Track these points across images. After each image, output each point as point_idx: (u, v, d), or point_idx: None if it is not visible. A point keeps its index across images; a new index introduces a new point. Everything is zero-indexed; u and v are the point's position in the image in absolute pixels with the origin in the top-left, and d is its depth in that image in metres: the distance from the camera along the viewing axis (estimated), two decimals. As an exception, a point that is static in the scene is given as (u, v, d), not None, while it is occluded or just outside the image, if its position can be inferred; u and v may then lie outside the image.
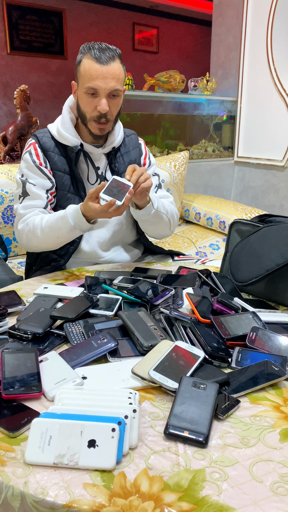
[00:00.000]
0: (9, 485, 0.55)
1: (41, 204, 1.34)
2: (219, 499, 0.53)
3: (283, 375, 0.76)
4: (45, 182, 1.34)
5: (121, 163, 1.43)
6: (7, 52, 5.13)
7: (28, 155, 1.35)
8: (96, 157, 1.39)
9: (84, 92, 1.25)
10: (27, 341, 0.88)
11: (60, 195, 1.38)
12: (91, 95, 1.24)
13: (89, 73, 1.22)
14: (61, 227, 1.24)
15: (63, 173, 1.36)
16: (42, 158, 1.35)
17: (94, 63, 1.21)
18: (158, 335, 0.86)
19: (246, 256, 1.12)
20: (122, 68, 1.26)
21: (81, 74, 1.25)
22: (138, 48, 6.20)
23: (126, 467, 0.58)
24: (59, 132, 1.35)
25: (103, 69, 1.21)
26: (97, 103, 1.25)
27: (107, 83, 1.22)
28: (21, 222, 1.33)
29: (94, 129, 1.30)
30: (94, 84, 1.22)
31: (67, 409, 0.64)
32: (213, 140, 3.43)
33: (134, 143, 1.49)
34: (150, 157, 1.53)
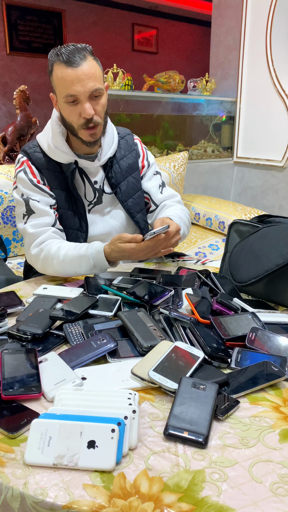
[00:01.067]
0: (8, 486, 0.55)
1: (50, 222, 1.27)
2: (218, 500, 0.53)
3: (282, 375, 0.76)
4: (48, 199, 1.28)
5: (117, 171, 1.37)
6: (7, 53, 5.13)
7: (23, 174, 1.27)
8: (92, 171, 1.33)
9: (64, 101, 1.18)
10: (27, 341, 0.88)
11: (61, 213, 1.31)
12: (72, 102, 1.17)
13: (63, 80, 1.15)
14: (80, 265, 1.19)
15: (61, 190, 1.30)
16: (38, 176, 1.27)
17: (65, 68, 1.14)
18: (158, 336, 0.86)
19: (246, 256, 1.12)
20: (96, 65, 1.18)
21: (56, 84, 1.18)
22: (138, 48, 6.21)
23: (126, 468, 0.58)
24: (50, 149, 1.27)
25: (76, 72, 1.13)
26: (80, 109, 1.17)
27: (85, 85, 1.14)
28: (34, 246, 1.24)
29: (85, 136, 1.22)
30: (72, 91, 1.14)
31: (66, 410, 0.64)
32: (212, 140, 3.43)
33: (130, 145, 1.42)
34: (149, 157, 1.47)
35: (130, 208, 1.39)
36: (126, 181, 1.39)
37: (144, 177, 1.45)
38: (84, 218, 1.33)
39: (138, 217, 1.42)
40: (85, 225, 1.33)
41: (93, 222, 1.36)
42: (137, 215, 1.41)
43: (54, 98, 1.23)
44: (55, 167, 1.29)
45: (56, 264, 1.20)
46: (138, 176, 1.43)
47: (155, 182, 1.46)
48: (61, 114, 1.23)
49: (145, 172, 1.45)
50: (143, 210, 1.44)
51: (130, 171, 1.40)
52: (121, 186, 1.37)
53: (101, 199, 1.36)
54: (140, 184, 1.43)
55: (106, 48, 5.79)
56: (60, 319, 0.95)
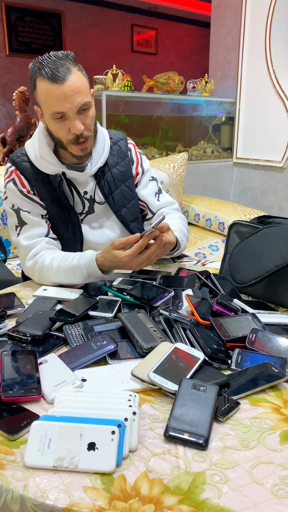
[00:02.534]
0: (8, 488, 0.55)
1: (43, 232, 1.25)
2: (219, 502, 0.53)
3: (283, 376, 0.76)
4: (38, 209, 1.25)
5: (110, 180, 1.32)
6: (6, 54, 5.13)
7: (12, 184, 1.24)
8: (82, 182, 1.29)
9: (50, 118, 1.13)
10: (27, 343, 0.88)
11: (53, 223, 1.29)
12: (59, 119, 1.12)
13: (49, 97, 1.09)
14: (74, 275, 1.16)
15: (51, 200, 1.26)
16: (28, 186, 1.24)
17: (50, 84, 1.08)
18: (158, 337, 0.86)
19: (246, 257, 1.12)
20: (81, 76, 1.12)
21: (41, 100, 1.12)
22: (137, 49, 6.22)
23: (126, 470, 0.58)
24: (37, 159, 1.22)
25: (63, 89, 1.07)
26: (69, 125, 1.12)
27: (73, 101, 1.09)
28: (28, 258, 1.23)
29: (75, 151, 1.18)
30: (60, 108, 1.09)
31: (66, 412, 0.64)
32: (212, 141, 3.43)
33: (123, 151, 1.36)
34: (143, 163, 1.41)
35: (123, 218, 1.35)
36: (119, 190, 1.34)
37: (139, 184, 1.41)
38: (78, 227, 1.30)
39: (133, 226, 1.38)
40: (80, 234, 1.31)
41: (88, 232, 1.33)
42: (132, 224, 1.38)
43: (39, 111, 1.18)
44: (44, 178, 1.25)
45: (51, 276, 1.18)
46: (132, 184, 1.38)
47: (151, 189, 1.42)
48: (48, 128, 1.18)
49: (139, 179, 1.41)
50: (138, 218, 1.41)
51: (123, 180, 1.35)
52: (114, 196, 1.33)
53: (92, 208, 1.33)
54: (134, 192, 1.39)
55: (106, 49, 5.80)
56: (60, 321, 0.95)
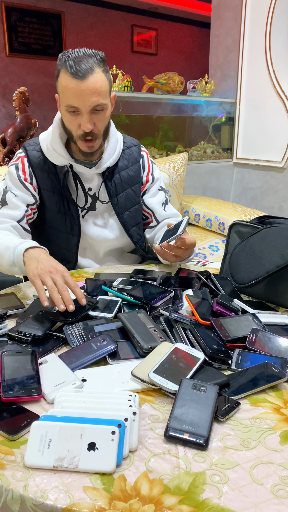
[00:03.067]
0: (8, 488, 0.55)
1: (17, 216, 1.25)
2: (219, 502, 0.53)
3: (283, 377, 0.76)
4: (27, 197, 1.27)
5: (117, 182, 1.34)
6: (6, 54, 5.14)
7: (14, 168, 1.28)
8: (88, 177, 1.31)
9: (65, 109, 1.17)
10: (27, 343, 0.88)
11: (50, 215, 1.31)
12: (72, 112, 1.16)
13: (66, 90, 1.13)
14: (3, 255, 1.11)
15: (52, 192, 1.29)
16: (28, 174, 1.28)
17: (70, 78, 1.11)
18: (158, 337, 0.86)
19: (246, 257, 1.12)
20: (104, 78, 1.14)
21: (60, 90, 1.16)
22: (137, 50, 6.22)
23: (126, 470, 0.58)
24: (48, 149, 1.27)
25: (80, 85, 1.10)
26: (79, 121, 1.16)
27: (87, 100, 1.12)
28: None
29: (82, 147, 1.22)
30: (74, 102, 1.13)
31: (66, 412, 0.64)
32: (212, 141, 3.43)
33: (135, 157, 1.39)
34: (154, 171, 1.43)
35: (125, 220, 1.37)
36: (125, 193, 1.36)
37: (147, 192, 1.43)
38: (77, 222, 1.31)
39: (132, 231, 1.40)
40: (78, 228, 1.32)
41: (86, 228, 1.35)
42: (132, 228, 1.39)
43: (58, 100, 1.22)
44: (50, 168, 1.28)
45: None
46: (138, 189, 1.40)
47: (159, 199, 1.44)
48: (62, 119, 1.23)
49: (148, 187, 1.43)
50: (139, 224, 1.42)
51: (130, 183, 1.37)
52: (119, 198, 1.35)
53: (94, 206, 1.34)
54: (139, 198, 1.40)
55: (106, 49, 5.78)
56: (60, 321, 0.95)
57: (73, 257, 1.37)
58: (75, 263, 1.38)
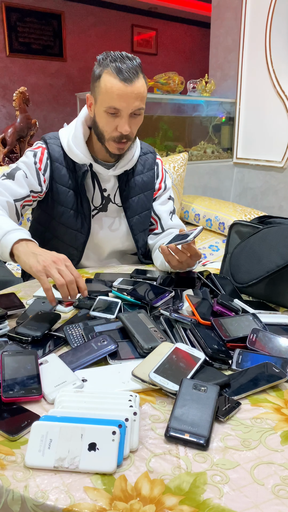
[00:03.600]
0: (9, 489, 0.55)
1: (18, 194, 1.22)
2: (220, 502, 0.53)
3: (284, 377, 0.76)
4: (35, 184, 1.26)
5: (132, 186, 1.35)
6: (6, 55, 5.13)
7: (32, 154, 1.28)
8: (105, 178, 1.32)
9: (104, 110, 1.16)
10: (27, 343, 0.87)
11: (62, 211, 1.30)
12: (111, 114, 1.15)
13: (111, 91, 1.12)
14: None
15: (68, 188, 1.29)
16: (43, 165, 1.27)
17: (117, 81, 1.11)
18: (158, 337, 0.86)
19: (246, 257, 1.12)
20: (144, 83, 1.17)
21: (101, 91, 1.14)
22: (137, 50, 6.21)
23: (127, 470, 0.58)
24: (69, 146, 1.26)
25: (127, 89, 1.11)
26: (118, 123, 1.16)
27: (131, 103, 1.13)
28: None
29: (113, 148, 1.22)
30: (117, 105, 1.13)
31: (67, 412, 0.64)
32: (212, 141, 3.43)
33: (150, 163, 1.41)
34: (167, 180, 1.45)
35: (134, 225, 1.38)
36: (137, 197, 1.37)
37: (158, 199, 1.44)
38: (88, 220, 1.32)
39: (139, 236, 1.40)
40: (88, 227, 1.33)
41: (95, 228, 1.35)
42: (138, 233, 1.40)
43: (91, 100, 1.21)
44: (69, 165, 1.29)
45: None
46: (151, 196, 1.41)
47: (168, 207, 1.45)
48: (95, 119, 1.21)
49: (160, 195, 1.44)
50: (146, 230, 1.43)
51: (143, 189, 1.38)
52: (132, 202, 1.36)
53: (106, 207, 1.35)
54: (150, 204, 1.42)
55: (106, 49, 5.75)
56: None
57: (77, 255, 1.37)
58: (78, 262, 1.38)
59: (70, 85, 5.63)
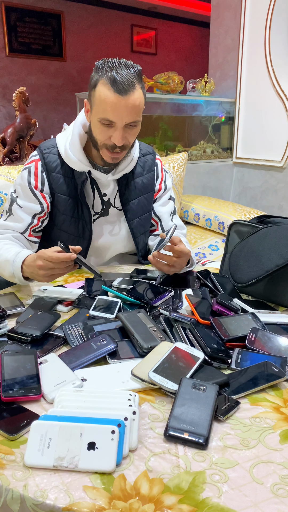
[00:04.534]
0: (8, 488, 0.55)
1: (19, 228, 1.26)
2: (219, 501, 0.53)
3: (283, 376, 0.76)
4: (34, 206, 1.26)
5: (132, 189, 1.34)
6: (6, 54, 5.13)
7: (26, 173, 1.26)
8: (104, 183, 1.31)
9: (97, 120, 1.13)
10: (26, 343, 0.88)
11: (62, 219, 1.30)
12: (105, 125, 1.13)
13: (104, 103, 1.09)
14: (4, 268, 1.15)
15: (68, 196, 1.28)
16: (40, 180, 1.26)
17: (111, 93, 1.07)
18: (158, 337, 0.86)
19: (246, 257, 1.12)
20: (142, 95, 1.12)
21: (96, 101, 1.12)
22: (137, 49, 6.22)
23: (126, 470, 0.58)
24: (67, 154, 1.24)
25: (120, 101, 1.08)
26: (111, 133, 1.14)
27: (124, 116, 1.10)
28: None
29: (106, 157, 1.20)
30: (111, 117, 1.10)
31: (66, 412, 0.64)
32: (211, 141, 3.43)
33: (150, 165, 1.39)
34: (167, 180, 1.44)
35: (135, 227, 1.37)
36: (137, 200, 1.36)
37: (158, 200, 1.43)
38: (89, 226, 1.31)
39: (139, 239, 1.40)
40: (89, 233, 1.32)
41: (96, 232, 1.35)
42: (139, 236, 1.39)
43: (88, 106, 1.19)
44: (67, 172, 1.27)
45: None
46: (151, 197, 1.40)
47: (168, 208, 1.44)
48: (91, 126, 1.20)
49: (160, 196, 1.43)
50: (146, 232, 1.43)
51: (144, 191, 1.37)
52: (132, 204, 1.35)
53: (107, 211, 1.35)
54: (151, 206, 1.41)
55: (105, 49, 5.80)
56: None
57: None
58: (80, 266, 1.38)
59: (69, 85, 5.63)
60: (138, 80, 1.11)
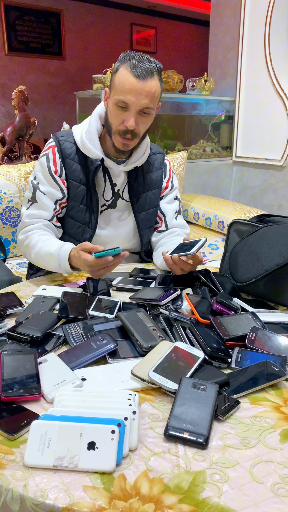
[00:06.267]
0: (8, 488, 0.55)
1: (47, 216, 1.31)
2: (219, 501, 0.53)
3: (283, 375, 0.76)
4: (56, 192, 1.30)
5: (141, 183, 1.38)
6: (5, 53, 5.13)
7: (45, 159, 1.31)
8: (115, 173, 1.34)
9: (114, 103, 1.19)
10: (26, 342, 0.87)
11: (72, 205, 1.33)
12: (120, 108, 1.18)
13: (123, 85, 1.15)
14: (48, 261, 1.21)
15: (79, 183, 1.32)
16: (58, 165, 1.30)
17: (130, 75, 1.14)
18: (158, 336, 0.86)
19: (245, 256, 1.12)
20: (159, 85, 1.19)
21: (115, 84, 1.18)
22: (136, 48, 6.21)
23: (126, 469, 0.58)
24: (82, 141, 1.29)
25: (138, 84, 1.14)
26: (125, 117, 1.19)
27: (140, 99, 1.16)
28: (22, 232, 1.31)
29: (117, 143, 1.25)
30: (126, 98, 1.16)
31: (66, 411, 0.64)
32: (211, 140, 3.43)
33: (159, 163, 1.44)
34: (174, 179, 1.49)
35: (141, 221, 1.41)
36: (145, 194, 1.40)
37: (164, 198, 1.47)
38: (96, 215, 1.35)
39: (144, 233, 1.43)
40: (95, 222, 1.35)
41: (103, 223, 1.38)
42: (144, 229, 1.43)
43: (107, 93, 1.24)
44: (81, 160, 1.31)
45: (33, 255, 1.26)
46: (158, 194, 1.44)
47: (174, 207, 1.48)
48: (107, 111, 1.25)
49: (167, 193, 1.47)
50: (151, 227, 1.46)
51: (152, 187, 1.42)
52: (140, 198, 1.39)
53: (115, 203, 1.38)
54: (158, 202, 1.45)
55: (105, 48, 5.79)
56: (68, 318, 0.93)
57: None
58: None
59: (69, 83, 5.62)
60: (158, 73, 1.18)
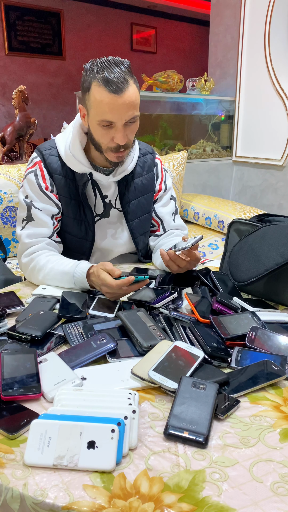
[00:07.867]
0: (8, 487, 0.55)
1: (47, 233, 1.24)
2: (219, 500, 0.53)
3: (282, 374, 0.76)
4: (52, 208, 1.25)
5: (131, 190, 1.33)
6: (5, 53, 5.13)
7: (33, 176, 1.24)
8: (105, 185, 1.30)
9: (97, 123, 1.12)
10: (26, 341, 0.87)
11: (66, 221, 1.29)
12: (105, 127, 1.12)
13: (101, 105, 1.08)
14: (62, 281, 1.15)
15: (70, 198, 1.27)
16: (48, 181, 1.24)
17: (105, 93, 1.07)
18: (158, 335, 0.86)
19: (245, 255, 1.12)
20: (136, 89, 1.11)
21: (92, 104, 1.11)
22: (136, 48, 6.21)
23: (126, 468, 0.58)
24: (67, 156, 1.23)
25: (118, 100, 1.07)
26: (113, 134, 1.13)
27: (123, 114, 1.09)
28: (25, 255, 1.23)
29: (112, 158, 1.19)
30: (110, 117, 1.09)
31: (66, 410, 0.64)
32: (211, 140, 3.43)
33: (149, 165, 1.38)
34: (167, 180, 1.43)
35: (133, 228, 1.36)
36: (137, 200, 1.35)
37: (159, 201, 1.42)
38: (92, 228, 1.31)
39: (139, 239, 1.39)
40: (92, 234, 1.31)
41: (98, 234, 1.34)
42: (139, 236, 1.39)
43: (84, 111, 1.17)
44: (68, 174, 1.25)
45: (41, 277, 1.18)
46: (150, 198, 1.39)
47: (170, 209, 1.44)
48: (90, 130, 1.18)
49: (161, 196, 1.42)
50: (146, 232, 1.42)
51: (143, 192, 1.36)
52: (131, 205, 1.34)
53: (108, 213, 1.34)
54: (150, 207, 1.40)
55: (105, 47, 5.79)
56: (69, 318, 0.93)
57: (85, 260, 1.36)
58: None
59: (69, 83, 5.62)
60: (130, 75, 1.10)
